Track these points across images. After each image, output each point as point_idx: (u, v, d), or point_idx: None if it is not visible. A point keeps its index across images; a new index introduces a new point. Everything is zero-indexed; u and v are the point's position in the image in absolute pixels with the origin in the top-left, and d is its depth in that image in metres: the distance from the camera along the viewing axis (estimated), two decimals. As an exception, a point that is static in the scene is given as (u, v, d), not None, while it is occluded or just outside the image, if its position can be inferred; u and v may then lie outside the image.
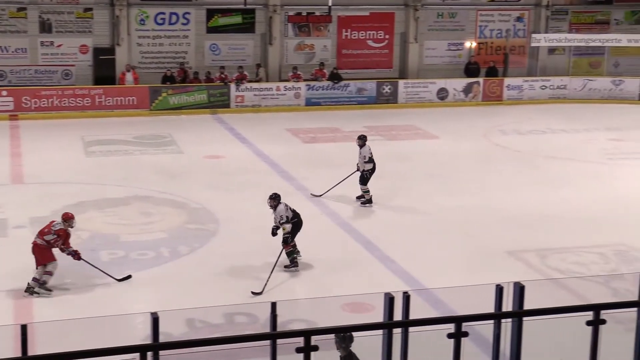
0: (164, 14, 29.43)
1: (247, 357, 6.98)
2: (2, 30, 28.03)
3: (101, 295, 12.67)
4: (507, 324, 6.15)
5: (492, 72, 31.27)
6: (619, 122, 27.41)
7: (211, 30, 30.04)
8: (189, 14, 29.70)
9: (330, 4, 28.45)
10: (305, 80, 29.39)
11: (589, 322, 5.81)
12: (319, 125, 26.44)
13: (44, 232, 12.71)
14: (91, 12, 28.81)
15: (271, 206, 13.65)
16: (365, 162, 17.31)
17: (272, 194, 13.84)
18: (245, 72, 28.81)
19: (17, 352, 5.29)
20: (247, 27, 30.39)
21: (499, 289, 6.46)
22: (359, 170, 17.45)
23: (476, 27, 32.58)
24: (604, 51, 33.37)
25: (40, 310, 12.10)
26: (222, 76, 28.39)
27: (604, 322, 5.79)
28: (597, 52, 33.40)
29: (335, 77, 29.49)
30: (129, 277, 13.13)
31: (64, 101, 26.96)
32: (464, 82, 30.76)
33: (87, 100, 27.14)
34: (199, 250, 14.67)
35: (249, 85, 28.66)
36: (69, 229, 12.83)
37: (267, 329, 6.19)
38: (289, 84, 29.15)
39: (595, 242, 15.29)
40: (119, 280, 13.01)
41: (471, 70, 31.42)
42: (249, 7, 29.59)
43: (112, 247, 14.61)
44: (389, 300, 6.09)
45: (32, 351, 5.22)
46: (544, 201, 17.93)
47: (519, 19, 33.03)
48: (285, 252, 13.50)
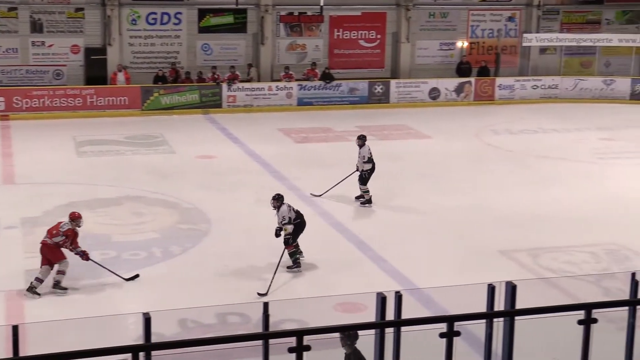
0: (155, 13, 29.38)
1: (239, 357, 6.97)
2: (-7, 30, 28.00)
3: (93, 295, 12.65)
4: (499, 324, 6.15)
5: (483, 72, 31.31)
6: (610, 121, 27.49)
7: (203, 30, 30.01)
8: (180, 13, 29.66)
9: (322, 4, 28.45)
10: (297, 80, 29.39)
11: (580, 321, 5.82)
12: (311, 125, 26.44)
13: (52, 233, 12.71)
14: (82, 12, 28.75)
15: (274, 207, 13.61)
16: (364, 162, 17.28)
17: (275, 194, 13.80)
18: (237, 72, 28.79)
19: (8, 353, 5.28)
20: (239, 27, 30.36)
21: (491, 289, 6.46)
22: (358, 170, 17.44)
23: (468, 26, 32.63)
24: (595, 51, 33.45)
25: (32, 310, 12.06)
26: (214, 76, 28.37)
27: (595, 321, 5.81)
28: (588, 52, 33.48)
29: (327, 77, 29.49)
30: (137, 276, 13.16)
31: (56, 101, 26.90)
32: (455, 81, 30.80)
33: (78, 100, 27.08)
34: (191, 250, 14.65)
35: (240, 85, 28.63)
36: (77, 229, 12.85)
37: (259, 329, 6.18)
38: (281, 84, 29.14)
39: (586, 241, 15.33)
40: (127, 279, 13.04)
41: (463, 70, 31.46)
42: (240, 7, 29.57)
43: (103, 248, 14.57)
44: (381, 300, 6.10)
45: (23, 352, 5.20)
46: (536, 201, 17.97)
47: (511, 19, 33.09)
48: (287, 252, 13.47)
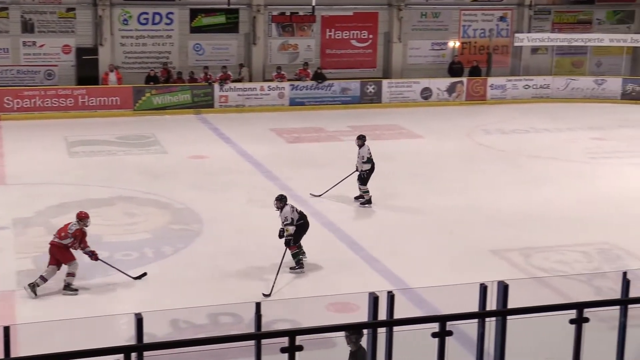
0: (147, 13, 29.34)
1: (231, 357, 6.97)
2: (-16, 30, 27.92)
3: (85, 296, 12.62)
4: (491, 323, 6.16)
5: (475, 72, 31.36)
6: (602, 121, 27.57)
7: (195, 30, 29.97)
8: (172, 13, 29.62)
9: (313, 4, 28.45)
10: (289, 80, 29.38)
11: (572, 321, 5.82)
12: (303, 125, 26.44)
13: (61, 235, 12.71)
14: (74, 12, 28.68)
15: (277, 208, 13.60)
16: (363, 162, 17.28)
17: (278, 195, 13.82)
18: (229, 72, 28.78)
19: None
20: (230, 27, 30.34)
21: (483, 288, 6.47)
22: (357, 170, 17.42)
23: (459, 26, 32.67)
24: (587, 51, 33.55)
25: (23, 311, 12.03)
26: (206, 76, 28.35)
27: (587, 320, 5.81)
28: (579, 52, 33.57)
29: (319, 77, 29.49)
30: (145, 274, 13.21)
31: (47, 101, 26.84)
32: (447, 81, 30.83)
33: (70, 100, 27.02)
34: (183, 250, 14.64)
35: (232, 85, 28.62)
36: (85, 228, 12.84)
37: (251, 329, 6.18)
38: (273, 84, 29.13)
39: (578, 240, 15.37)
40: (135, 278, 13.08)
41: (455, 69, 31.50)
42: (232, 7, 29.55)
43: (95, 248, 14.41)
44: (374, 299, 6.10)
45: (14, 353, 5.18)
46: (528, 200, 18.00)
47: (502, 19, 33.15)
48: (290, 253, 13.47)
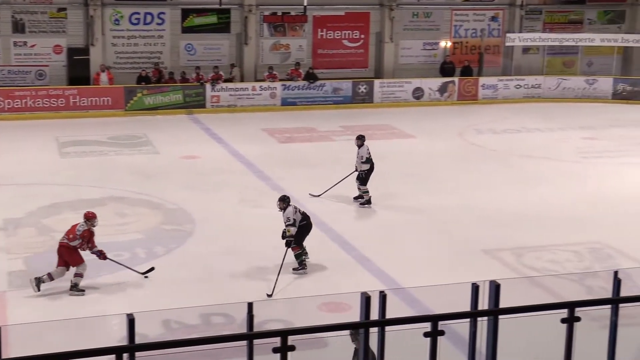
0: (138, 14, 29.30)
1: (223, 357, 6.96)
2: (-25, 30, 27.84)
3: (76, 296, 12.59)
4: (483, 322, 6.17)
5: (466, 72, 31.41)
6: (593, 121, 27.65)
7: (186, 30, 29.95)
8: (163, 13, 29.59)
9: (305, 4, 28.44)
10: (281, 80, 29.38)
11: (563, 320, 5.83)
12: (295, 125, 26.44)
13: (70, 237, 12.70)
14: (65, 12, 28.63)
15: (280, 208, 13.57)
16: (362, 162, 17.26)
17: (281, 196, 13.78)
18: (220, 72, 28.76)
19: (-9, 355, 5.25)
20: (222, 27, 30.32)
21: (475, 288, 6.48)
22: (356, 170, 17.43)
23: (451, 26, 32.71)
24: (578, 51, 33.65)
25: (15, 312, 12.00)
26: (198, 76, 28.32)
27: (578, 319, 5.82)
28: (570, 52, 33.66)
29: (311, 77, 29.49)
30: (152, 269, 13.28)
31: (38, 102, 26.78)
32: (439, 81, 30.88)
33: (61, 100, 26.97)
34: (175, 250, 14.61)
35: (224, 85, 28.60)
36: (92, 228, 12.84)
37: (243, 330, 6.17)
38: (265, 84, 29.13)
39: (570, 240, 15.40)
40: (143, 273, 13.14)
41: (446, 69, 31.55)
42: (224, 7, 29.53)
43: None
44: (366, 299, 6.10)
45: (5, 354, 5.17)
46: (519, 200, 18.03)
47: (494, 19, 33.21)
48: (293, 254, 13.46)
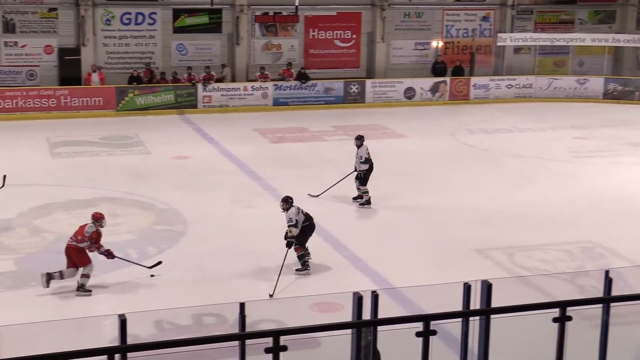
0: (130, 14, 29.25)
1: (216, 358, 6.96)
2: (-35, 30, 27.76)
3: (68, 297, 12.56)
4: (475, 322, 6.18)
5: (458, 72, 31.44)
6: (584, 120, 27.71)
7: (178, 30, 29.90)
8: (155, 14, 29.54)
9: (297, 4, 28.42)
10: (272, 80, 29.36)
11: (555, 319, 5.85)
12: (287, 125, 26.44)
13: (78, 239, 12.67)
14: (56, 12, 28.56)
15: (283, 209, 13.54)
16: (361, 163, 17.26)
17: (284, 196, 13.72)
18: (212, 72, 28.73)
19: (-18, 356, 5.23)
20: (214, 27, 30.29)
21: (467, 287, 6.49)
22: (356, 170, 17.41)
23: (442, 26, 32.75)
24: (569, 50, 33.73)
25: (5, 313, 11.95)
26: (190, 76, 28.29)
27: (570, 318, 5.85)
28: (561, 52, 33.73)
29: (302, 77, 29.49)
30: (160, 263, 13.34)
31: (29, 102, 26.71)
32: (431, 81, 30.91)
33: (52, 101, 26.90)
34: (167, 251, 14.58)
35: (216, 85, 28.57)
36: (100, 229, 12.85)
37: (235, 330, 6.17)
38: (257, 84, 29.11)
39: (561, 239, 15.43)
40: (150, 267, 13.20)
41: (438, 69, 31.58)
42: (215, 7, 29.50)
43: (78, 249, 14.48)
44: (358, 299, 6.11)
45: (-2, 355, 5.16)
46: (511, 199, 18.07)
47: (485, 19, 33.26)
48: (296, 255, 13.45)
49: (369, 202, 17.32)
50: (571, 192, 18.82)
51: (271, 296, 12.48)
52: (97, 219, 12.88)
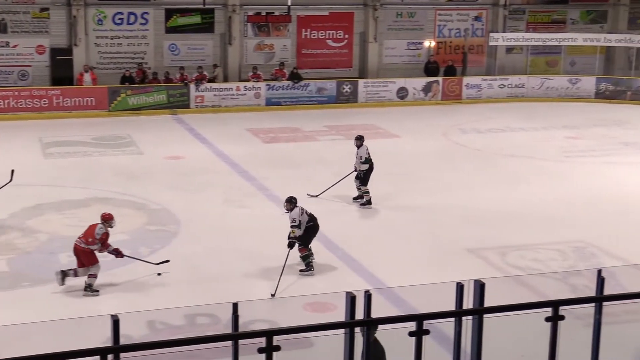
0: (122, 14, 29.20)
1: (209, 358, 6.95)
2: (-43, 30, 27.68)
3: (60, 298, 12.53)
4: (467, 321, 6.19)
5: (450, 72, 31.48)
6: (576, 120, 27.78)
7: (170, 30, 29.87)
8: (147, 14, 29.50)
9: (289, 4, 28.41)
10: (265, 80, 29.35)
11: (547, 318, 5.86)
12: (279, 125, 26.43)
13: (89, 241, 12.65)
14: (47, 12, 28.49)
15: (287, 210, 13.54)
16: (361, 163, 17.25)
17: (288, 197, 13.69)
18: (204, 72, 28.71)
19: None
20: (206, 27, 30.27)
21: (460, 287, 6.49)
22: (356, 170, 17.41)
23: (435, 26, 32.78)
24: (561, 50, 33.80)
25: (-2, 314, 11.93)
26: (182, 76, 28.26)
27: (562, 318, 5.85)
28: (553, 51, 33.81)
29: (295, 77, 29.48)
30: (167, 261, 13.38)
31: (21, 102, 26.65)
32: (423, 81, 30.94)
33: (44, 101, 26.85)
34: (160, 251, 14.56)
35: (208, 85, 28.55)
36: (109, 229, 12.85)
37: (228, 330, 6.17)
38: (249, 84, 29.09)
39: (553, 239, 15.46)
40: (157, 264, 13.25)
41: (430, 69, 31.61)
42: (208, 7, 29.46)
43: (70, 250, 14.37)
44: (351, 299, 6.10)
45: (-10, 356, 5.15)
46: (504, 199, 18.10)
47: (477, 19, 33.31)
48: (300, 255, 13.45)
49: (369, 202, 17.31)
50: (563, 192, 18.86)
51: (273, 296, 12.49)
52: (107, 219, 12.88)
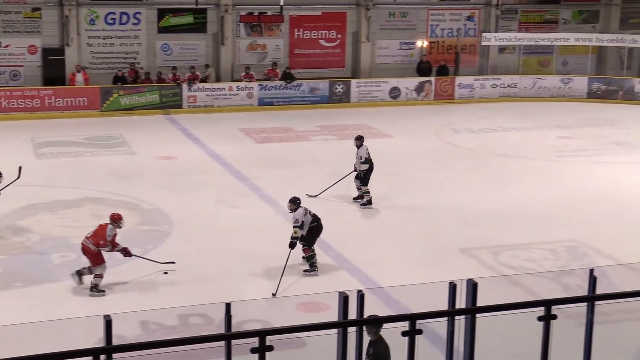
0: (114, 13, 29.14)
1: (202, 358, 6.95)
2: (-52, 30, 27.59)
3: (53, 298, 12.51)
4: (460, 321, 6.20)
5: (443, 71, 31.50)
6: (568, 120, 27.83)
7: (162, 30, 29.82)
8: (139, 13, 29.44)
9: (282, 4, 28.42)
10: (257, 80, 29.32)
11: (540, 318, 5.87)
12: (272, 125, 26.41)
13: (100, 243, 12.63)
14: (39, 12, 28.41)
15: (290, 210, 13.53)
16: (361, 163, 17.25)
17: (292, 197, 13.65)
18: (197, 72, 28.67)
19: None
20: (198, 27, 30.23)
21: (452, 286, 6.51)
22: (355, 170, 17.40)
23: (427, 26, 32.80)
24: (553, 50, 33.86)
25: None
26: (174, 77, 28.22)
27: (555, 317, 5.87)
28: (546, 51, 33.86)
29: (287, 77, 29.47)
30: (173, 262, 13.45)
31: (13, 102, 26.58)
32: (416, 81, 30.96)
33: (36, 101, 26.78)
34: (152, 251, 14.53)
35: (201, 85, 28.52)
36: (117, 229, 12.86)
37: (221, 330, 6.17)
38: (242, 84, 29.07)
39: (546, 238, 15.49)
40: (163, 263, 13.31)
41: (423, 69, 31.64)
42: (200, 6, 29.42)
43: (63, 250, 14.42)
44: (344, 299, 6.12)
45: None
46: (496, 198, 18.12)
47: (470, 18, 33.34)
48: (305, 255, 13.46)
49: (370, 202, 17.31)
50: (556, 192, 18.89)
51: (274, 295, 12.50)
52: (116, 220, 12.88)
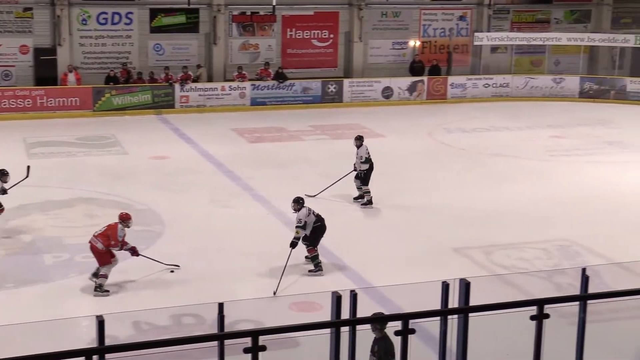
0: (106, 13, 29.09)
1: (195, 358, 6.94)
2: (-60, 30, 27.50)
3: (45, 299, 12.48)
4: (453, 320, 6.21)
5: (435, 71, 31.53)
6: (560, 119, 27.88)
7: (155, 30, 29.78)
8: (131, 13, 29.40)
9: (274, 4, 28.41)
10: (250, 80, 29.31)
11: (532, 317, 5.88)
12: (265, 124, 26.40)
13: (110, 244, 12.64)
14: (31, 12, 28.34)
15: (294, 210, 13.54)
16: (361, 162, 17.25)
17: (295, 197, 13.66)
18: (189, 72, 28.64)
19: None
20: (191, 26, 30.19)
21: (445, 286, 6.52)
22: (355, 170, 17.41)
23: (420, 26, 32.83)
24: (545, 50, 33.92)
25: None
26: (167, 77, 28.18)
27: (547, 316, 5.88)
28: (538, 51, 33.92)
29: (280, 77, 29.46)
30: (177, 266, 13.49)
31: (4, 102, 26.51)
32: (408, 80, 30.98)
33: (28, 101, 26.72)
34: (144, 251, 14.49)
35: (193, 85, 28.49)
36: (126, 229, 12.88)
37: (214, 330, 6.16)
38: (234, 84, 29.05)
39: (538, 237, 15.52)
40: (167, 265, 13.35)
41: (415, 69, 31.66)
42: (192, 6, 29.38)
43: (55, 250, 14.39)
44: (337, 299, 6.12)
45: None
46: (489, 198, 18.14)
47: (462, 18, 33.37)
48: (310, 256, 13.49)
49: (370, 202, 17.30)
50: (548, 191, 18.93)
51: (275, 294, 12.50)
52: (125, 219, 12.91)
